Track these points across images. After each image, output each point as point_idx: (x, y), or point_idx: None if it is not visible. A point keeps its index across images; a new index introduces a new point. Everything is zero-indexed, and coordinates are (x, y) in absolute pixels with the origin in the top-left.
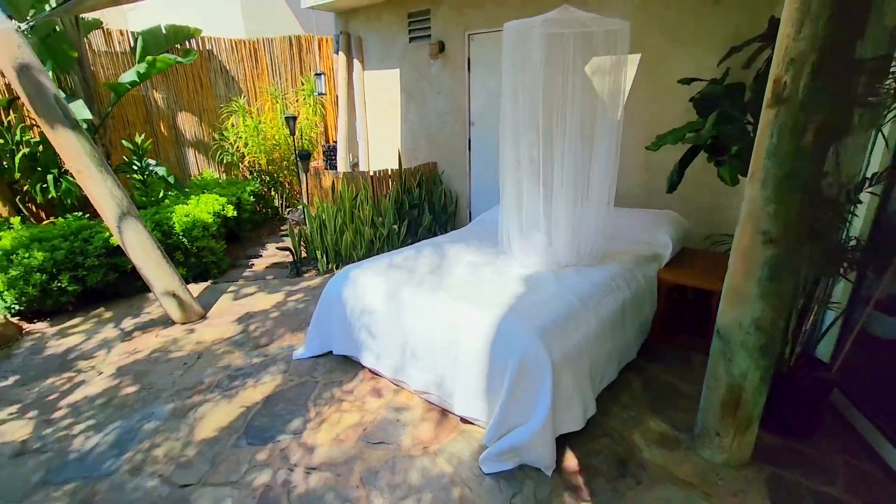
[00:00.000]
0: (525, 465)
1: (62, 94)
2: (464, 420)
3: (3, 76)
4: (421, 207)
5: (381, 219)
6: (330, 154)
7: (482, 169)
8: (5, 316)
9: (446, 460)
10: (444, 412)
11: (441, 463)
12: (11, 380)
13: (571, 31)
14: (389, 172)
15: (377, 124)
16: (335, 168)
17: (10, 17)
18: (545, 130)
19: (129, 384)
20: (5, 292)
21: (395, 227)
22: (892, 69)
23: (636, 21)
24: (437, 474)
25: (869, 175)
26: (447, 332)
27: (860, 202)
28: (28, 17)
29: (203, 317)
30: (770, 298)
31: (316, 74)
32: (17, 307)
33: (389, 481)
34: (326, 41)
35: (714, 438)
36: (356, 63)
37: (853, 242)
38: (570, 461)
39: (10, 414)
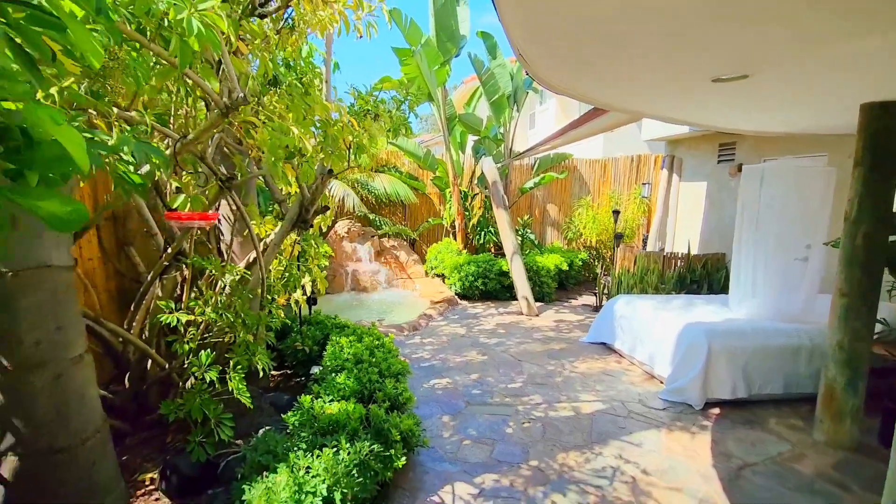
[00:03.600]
0: (686, 402)
1: (502, 193)
2: (660, 381)
3: (470, 184)
4: (700, 284)
5: (663, 286)
6: (646, 241)
7: None
8: (455, 295)
9: (640, 389)
10: (651, 377)
11: (637, 389)
12: (456, 316)
13: (789, 172)
14: (679, 255)
15: (682, 221)
16: (645, 249)
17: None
18: (757, 237)
19: (502, 329)
20: (457, 282)
21: (674, 293)
22: None
23: None
24: (633, 391)
25: None
26: (666, 331)
27: None
28: (503, 160)
29: (537, 315)
30: (846, 330)
31: (643, 183)
32: (458, 291)
33: (608, 384)
34: (658, 157)
35: (819, 424)
36: (674, 177)
37: None
38: (714, 410)
39: (457, 325)
